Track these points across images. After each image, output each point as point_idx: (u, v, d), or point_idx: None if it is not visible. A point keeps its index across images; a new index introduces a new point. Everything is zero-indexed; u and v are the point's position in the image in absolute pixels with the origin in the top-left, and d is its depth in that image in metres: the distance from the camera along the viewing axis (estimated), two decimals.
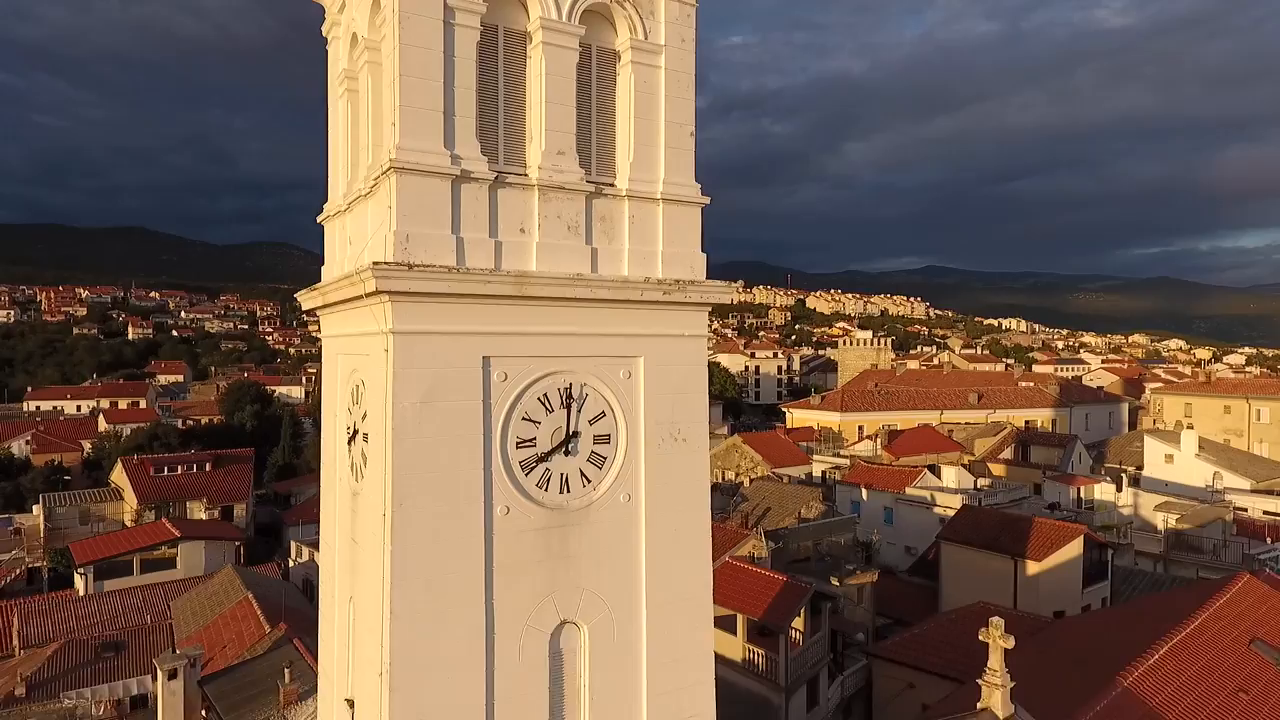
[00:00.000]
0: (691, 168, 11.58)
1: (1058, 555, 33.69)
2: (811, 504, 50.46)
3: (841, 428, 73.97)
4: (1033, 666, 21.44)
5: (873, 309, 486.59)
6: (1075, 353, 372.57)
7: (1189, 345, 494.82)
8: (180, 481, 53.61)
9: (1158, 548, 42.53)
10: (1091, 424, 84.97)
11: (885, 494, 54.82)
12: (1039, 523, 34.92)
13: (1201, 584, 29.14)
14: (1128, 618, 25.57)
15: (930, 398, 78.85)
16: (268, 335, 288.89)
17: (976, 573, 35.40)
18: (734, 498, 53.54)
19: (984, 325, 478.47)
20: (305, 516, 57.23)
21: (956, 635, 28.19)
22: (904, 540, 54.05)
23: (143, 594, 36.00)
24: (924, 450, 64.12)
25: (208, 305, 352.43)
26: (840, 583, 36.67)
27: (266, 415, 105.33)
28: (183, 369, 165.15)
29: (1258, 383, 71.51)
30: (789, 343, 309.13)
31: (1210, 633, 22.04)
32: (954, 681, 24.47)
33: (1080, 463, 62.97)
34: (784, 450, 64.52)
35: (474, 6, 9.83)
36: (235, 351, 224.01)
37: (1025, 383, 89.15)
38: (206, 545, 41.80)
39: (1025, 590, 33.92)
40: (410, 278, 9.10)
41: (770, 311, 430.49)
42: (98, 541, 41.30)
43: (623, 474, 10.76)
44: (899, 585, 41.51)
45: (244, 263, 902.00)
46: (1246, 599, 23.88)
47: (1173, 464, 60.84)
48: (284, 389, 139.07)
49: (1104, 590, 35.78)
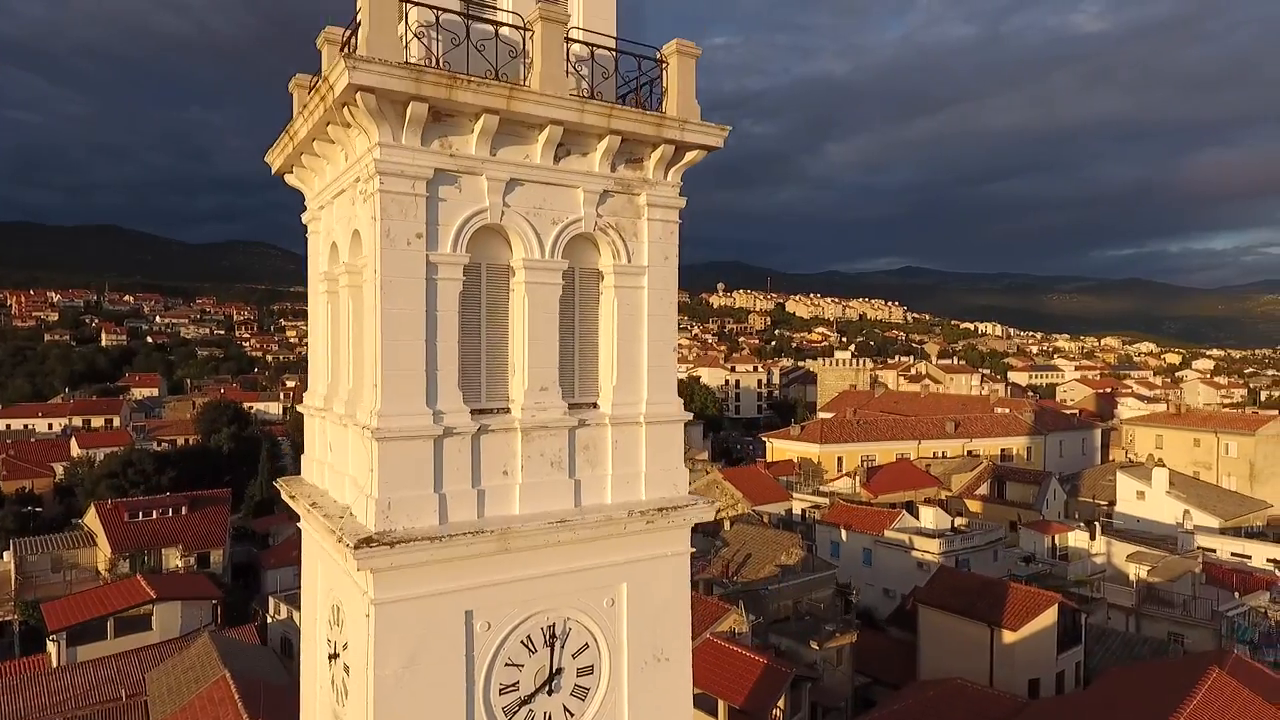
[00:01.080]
0: (674, 383, 11.63)
1: (1033, 625, 34.18)
2: (791, 550, 50.71)
3: (821, 459, 74.46)
4: None
5: (851, 313, 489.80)
6: (1049, 358, 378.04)
7: (1159, 349, 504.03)
8: (155, 528, 52.81)
9: (1129, 600, 43.25)
10: (1065, 450, 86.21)
11: (865, 536, 55.27)
12: (1014, 590, 35.40)
13: (1172, 667, 29.59)
14: (1098, 711, 25.94)
15: (908, 427, 79.57)
16: (245, 341, 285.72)
17: (954, 638, 35.82)
18: (715, 541, 53.69)
19: (960, 329, 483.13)
20: (283, 559, 56.71)
21: (930, 700, 28.67)
22: (882, 582, 54.55)
23: (117, 664, 35.45)
24: (902, 487, 64.74)
25: (183, 309, 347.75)
26: (820, 646, 36.99)
27: (244, 436, 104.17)
28: (157, 381, 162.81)
29: (1225, 417, 72.90)
30: (769, 350, 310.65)
31: None
32: None
33: (1055, 499, 63.83)
34: (764, 486, 64.84)
35: (458, 259, 9.81)
36: (212, 360, 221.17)
37: (1001, 409, 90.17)
38: (183, 605, 41.32)
39: (1001, 658, 34.39)
40: (394, 555, 9.08)
41: (750, 316, 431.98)
42: (71, 602, 40.60)
43: (605, 703, 10.79)
44: (878, 642, 41.80)
45: (220, 262, 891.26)
46: (1217, 700, 24.33)
47: (1144, 500, 61.91)
48: (261, 405, 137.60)
49: (1078, 654, 36.36)
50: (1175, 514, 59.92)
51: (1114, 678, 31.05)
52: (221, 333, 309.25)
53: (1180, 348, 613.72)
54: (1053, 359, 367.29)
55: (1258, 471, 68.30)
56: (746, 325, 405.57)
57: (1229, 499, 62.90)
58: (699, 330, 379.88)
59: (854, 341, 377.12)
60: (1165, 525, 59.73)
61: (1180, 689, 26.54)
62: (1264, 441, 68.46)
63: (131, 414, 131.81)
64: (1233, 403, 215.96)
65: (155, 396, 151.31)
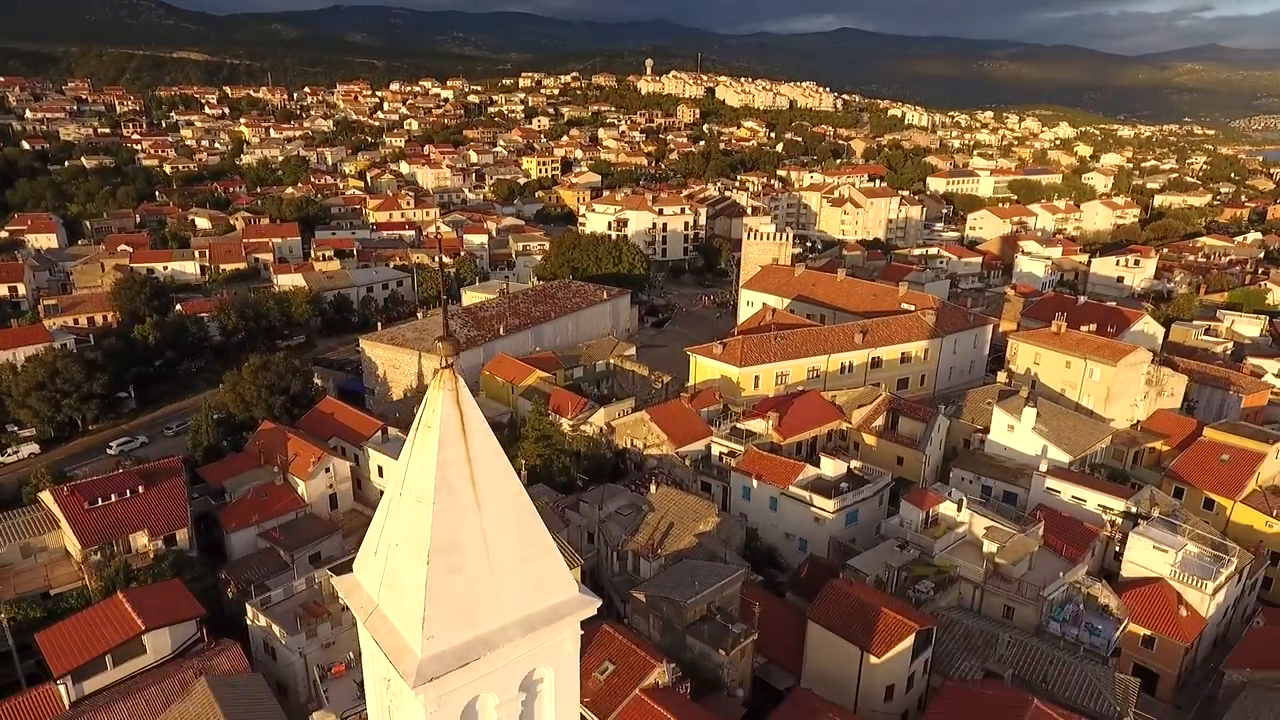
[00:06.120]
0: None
1: (895, 649, 42.86)
2: (709, 518, 58.29)
3: (740, 379, 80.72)
4: None
5: (781, 100, 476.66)
6: (969, 155, 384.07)
7: (1074, 135, 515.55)
8: (117, 514, 55.98)
9: (978, 575, 52.73)
10: (959, 348, 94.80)
11: (772, 487, 63.26)
12: (884, 618, 43.56)
13: (994, 699, 38.46)
14: None
15: (821, 340, 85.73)
16: (136, 145, 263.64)
17: (833, 651, 44.54)
18: (643, 505, 60.63)
19: (888, 118, 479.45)
20: (244, 519, 61.33)
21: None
22: (785, 527, 63.65)
23: (126, 708, 41.07)
24: (811, 424, 72.13)
25: (56, 99, 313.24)
26: (728, 653, 45.31)
27: (168, 323, 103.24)
28: (54, 226, 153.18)
29: (1095, 344, 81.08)
30: (696, 157, 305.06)
31: None
32: None
33: (938, 433, 72.58)
34: (688, 425, 71.14)
35: None
36: (106, 180, 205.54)
37: (907, 305, 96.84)
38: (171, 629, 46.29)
39: (867, 673, 43.41)
40: None
41: (679, 107, 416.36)
42: (64, 632, 44.81)
43: None
44: (775, 615, 50.15)
45: (84, 16, 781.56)
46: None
47: (1013, 433, 71.18)
48: (177, 265, 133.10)
49: (928, 654, 45.83)
50: (1036, 448, 69.71)
51: (946, 703, 40.30)
52: (107, 131, 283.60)
53: (1100, 124, 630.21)
54: (972, 156, 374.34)
55: (1113, 395, 78.14)
56: (675, 120, 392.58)
57: (1082, 427, 72.70)
58: (627, 126, 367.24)
59: (782, 139, 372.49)
60: (1027, 456, 69.74)
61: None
62: (1123, 369, 77.58)
63: (34, 277, 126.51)
64: (1126, 223, 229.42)
65: (56, 250, 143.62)
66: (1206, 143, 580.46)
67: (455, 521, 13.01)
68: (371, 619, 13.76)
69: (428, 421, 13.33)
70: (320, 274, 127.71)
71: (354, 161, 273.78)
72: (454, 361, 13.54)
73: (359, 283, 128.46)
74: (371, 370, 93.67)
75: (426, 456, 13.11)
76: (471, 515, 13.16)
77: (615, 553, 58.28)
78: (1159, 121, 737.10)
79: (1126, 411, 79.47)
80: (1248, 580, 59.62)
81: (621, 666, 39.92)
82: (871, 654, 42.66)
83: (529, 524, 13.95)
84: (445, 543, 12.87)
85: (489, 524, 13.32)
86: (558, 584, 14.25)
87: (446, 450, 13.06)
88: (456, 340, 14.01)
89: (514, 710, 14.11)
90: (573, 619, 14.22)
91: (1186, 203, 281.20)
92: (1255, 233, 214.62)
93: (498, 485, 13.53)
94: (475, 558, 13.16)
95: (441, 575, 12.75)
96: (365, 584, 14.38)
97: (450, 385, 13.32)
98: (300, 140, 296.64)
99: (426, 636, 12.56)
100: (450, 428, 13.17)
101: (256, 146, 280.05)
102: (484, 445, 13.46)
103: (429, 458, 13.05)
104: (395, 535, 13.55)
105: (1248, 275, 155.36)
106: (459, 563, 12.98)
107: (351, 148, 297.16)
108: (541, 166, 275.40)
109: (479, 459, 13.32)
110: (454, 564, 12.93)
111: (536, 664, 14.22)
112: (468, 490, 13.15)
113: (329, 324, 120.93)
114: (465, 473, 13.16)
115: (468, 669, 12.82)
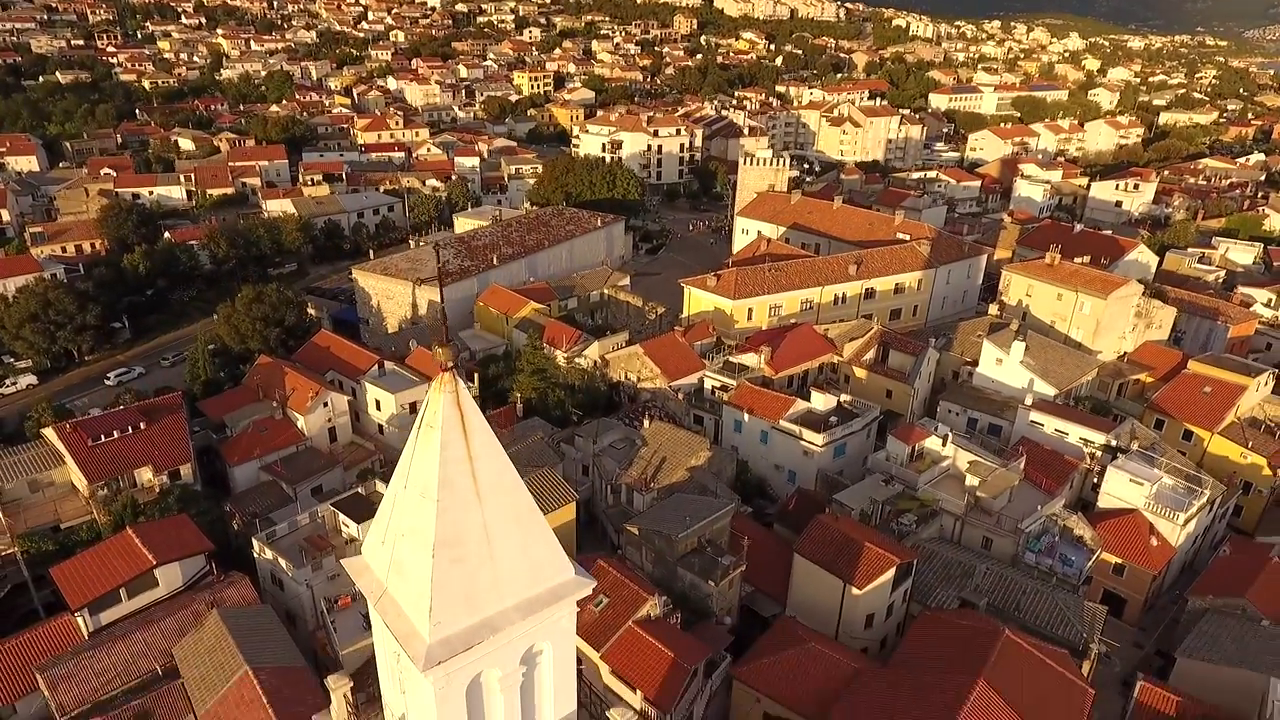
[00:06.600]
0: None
1: (876, 581, 44.88)
2: (700, 453, 59.77)
3: (733, 312, 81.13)
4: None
5: (782, 10, 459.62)
6: (974, 69, 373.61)
7: (1084, 45, 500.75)
8: (121, 450, 57.06)
9: (960, 508, 54.62)
10: (953, 279, 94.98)
11: (763, 421, 64.59)
12: (867, 552, 45.39)
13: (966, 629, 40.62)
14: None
15: (815, 272, 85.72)
16: (111, 59, 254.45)
17: (817, 582, 46.56)
18: (636, 439, 62.00)
19: (892, 29, 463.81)
20: (246, 453, 62.65)
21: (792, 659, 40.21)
22: (775, 459, 65.28)
23: (144, 639, 43.08)
24: (803, 358, 72.92)
25: (25, 8, 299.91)
26: (716, 584, 47.37)
27: (158, 252, 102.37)
28: (33, 148, 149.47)
29: (1087, 276, 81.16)
30: (693, 71, 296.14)
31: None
32: None
33: (928, 365, 73.60)
34: (680, 359, 71.89)
35: None
36: (83, 97, 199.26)
37: (902, 234, 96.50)
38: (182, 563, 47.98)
39: (849, 602, 45.54)
40: None
41: (676, 17, 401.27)
42: (78, 566, 46.51)
43: None
44: (763, 546, 52.19)
45: None
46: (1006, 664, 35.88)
47: (1001, 366, 72.23)
48: (163, 190, 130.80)
49: (908, 585, 47.98)
50: (1023, 381, 70.92)
51: (921, 631, 42.58)
52: (80, 44, 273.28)
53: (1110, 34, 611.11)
54: (977, 70, 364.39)
55: (1102, 328, 78.90)
56: (671, 31, 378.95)
57: (1069, 360, 73.75)
58: (621, 38, 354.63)
59: (781, 52, 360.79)
60: (1014, 389, 71.03)
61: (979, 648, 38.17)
62: (1113, 303, 78.11)
63: (16, 202, 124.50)
64: (1129, 144, 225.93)
65: (37, 173, 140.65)
66: (1218, 54, 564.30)
67: (458, 516, 13.79)
68: (381, 602, 14.70)
69: (429, 421, 13.93)
70: (310, 199, 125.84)
71: (339, 76, 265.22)
72: (454, 366, 14.02)
73: (349, 208, 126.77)
74: (365, 301, 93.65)
75: (429, 454, 13.77)
76: (473, 510, 13.92)
77: (609, 486, 59.96)
78: (1171, 31, 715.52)
79: (1114, 344, 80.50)
80: (1219, 509, 61.87)
81: (615, 599, 41.82)
82: (854, 586, 44.67)
83: (527, 514, 14.75)
84: (449, 537, 13.68)
85: (490, 517, 14.11)
86: (555, 567, 15.18)
87: (448, 449, 13.72)
88: (456, 346, 14.49)
89: (515, 681, 15.26)
90: (569, 600, 15.20)
91: (1192, 120, 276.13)
92: (1259, 153, 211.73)
93: (497, 480, 14.26)
94: (477, 549, 14.00)
95: (446, 567, 13.61)
96: (374, 567, 15.28)
97: (451, 388, 13.86)
98: (283, 54, 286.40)
99: (433, 623, 13.51)
100: (451, 428, 13.79)
101: (237, 60, 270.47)
102: (484, 443, 14.11)
103: (432, 456, 13.71)
104: (401, 526, 14.34)
105: (1246, 200, 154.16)
106: (462, 554, 13.83)
107: (336, 61, 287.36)
108: (533, 82, 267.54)
109: (479, 457, 14.00)
110: (457, 556, 13.77)
111: (536, 640, 15.28)
112: (469, 486, 13.88)
113: (320, 251, 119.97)
114: (466, 470, 13.86)
115: (472, 651, 13.83)
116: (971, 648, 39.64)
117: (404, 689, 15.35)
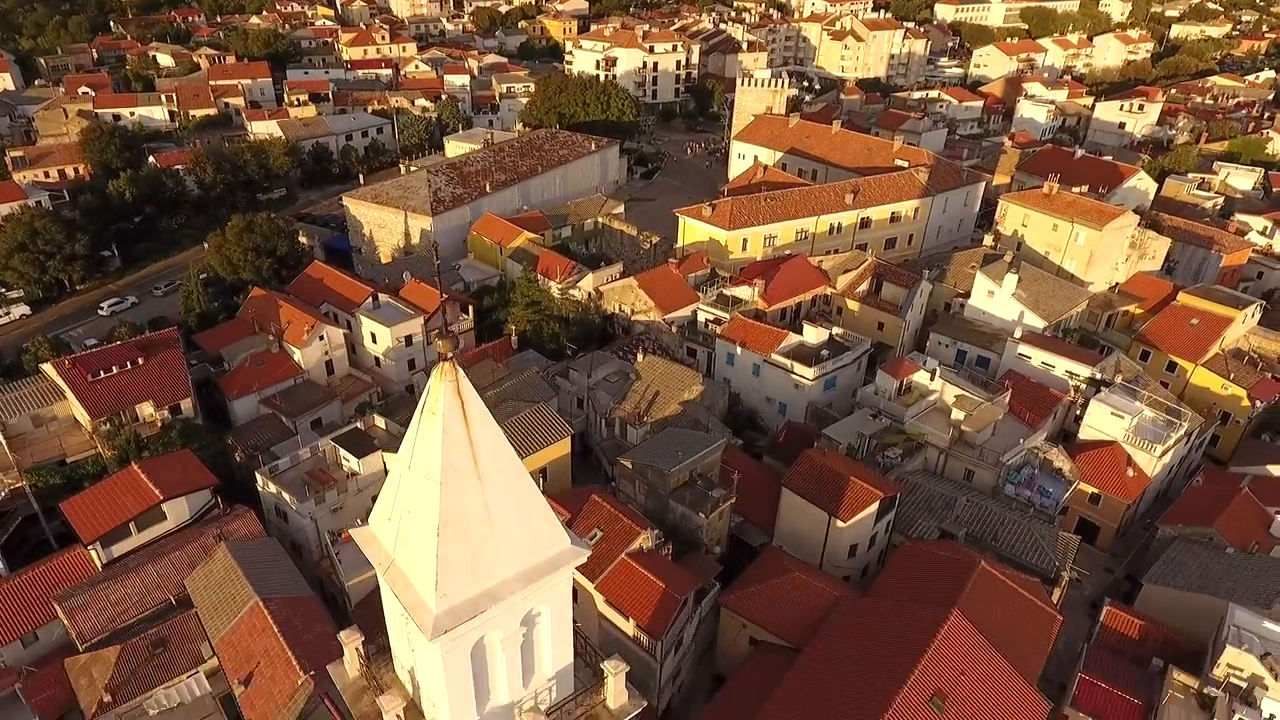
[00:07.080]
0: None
1: (860, 514, 46.61)
2: (693, 387, 60.82)
3: (728, 242, 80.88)
4: None
5: None
6: None
7: None
8: (121, 386, 57.63)
9: (944, 439, 56.10)
10: (950, 206, 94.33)
11: (755, 354, 65.48)
12: (852, 486, 46.91)
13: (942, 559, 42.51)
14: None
15: (811, 201, 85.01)
16: None
17: (804, 515, 48.32)
18: (630, 374, 62.92)
19: None
20: (245, 387, 63.47)
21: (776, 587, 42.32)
22: (767, 392, 66.46)
23: (156, 570, 44.79)
24: (797, 291, 73.17)
25: None
26: (707, 516, 49.09)
27: (144, 177, 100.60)
28: (7, 65, 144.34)
29: (1083, 206, 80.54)
30: None
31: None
32: None
33: (920, 297, 74.01)
34: (674, 291, 72.08)
35: None
36: (54, 6, 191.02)
37: (901, 160, 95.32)
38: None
39: (834, 534, 47.39)
40: None
41: None
42: (88, 500, 47.85)
43: None
44: (753, 478, 53.66)
45: None
46: (980, 593, 37.93)
47: (993, 298, 72.72)
48: (144, 111, 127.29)
49: (890, 517, 49.79)
50: (1014, 314, 71.57)
51: (901, 561, 44.53)
52: None
53: None
54: None
55: (1095, 259, 78.99)
56: None
57: (1060, 292, 74.17)
58: None
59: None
60: (1004, 321, 71.74)
61: (955, 579, 40.15)
62: (1108, 234, 77.94)
63: None
64: (1138, 59, 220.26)
65: (13, 92, 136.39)
66: None
67: (460, 496, 14.60)
68: (390, 572, 15.67)
69: (431, 408, 14.58)
70: (296, 121, 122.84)
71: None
72: (454, 356, 14.56)
73: (337, 130, 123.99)
74: (357, 229, 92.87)
75: (432, 439, 14.49)
76: (475, 490, 14.73)
77: (604, 419, 61.19)
78: None
79: (1107, 275, 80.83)
80: (1195, 439, 63.62)
81: (609, 533, 43.46)
82: (838, 519, 46.41)
83: (525, 491, 15.59)
84: (452, 516, 14.53)
85: (490, 496, 14.94)
86: (552, 538, 16.12)
87: (450, 434, 14.44)
88: (456, 338, 14.97)
89: (516, 640, 16.42)
90: (566, 568, 16.22)
91: (1204, 33, 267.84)
92: (1269, 70, 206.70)
93: (496, 461, 15.02)
94: (479, 525, 14.88)
95: (450, 543, 14.52)
96: (382, 539, 16.20)
97: (451, 377, 14.45)
98: None
99: (439, 595, 14.50)
100: (453, 415, 14.45)
101: None
102: (483, 427, 14.81)
103: (434, 441, 14.43)
104: (407, 504, 15.18)
105: (1252, 121, 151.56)
106: (465, 531, 14.71)
107: None
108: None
109: (480, 441, 14.72)
110: (460, 533, 14.66)
111: (534, 604, 16.37)
112: (470, 469, 14.65)
113: (309, 176, 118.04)
114: (468, 454, 14.60)
115: (476, 619, 14.89)
116: (948, 578, 41.57)
117: (412, 647, 16.51)
